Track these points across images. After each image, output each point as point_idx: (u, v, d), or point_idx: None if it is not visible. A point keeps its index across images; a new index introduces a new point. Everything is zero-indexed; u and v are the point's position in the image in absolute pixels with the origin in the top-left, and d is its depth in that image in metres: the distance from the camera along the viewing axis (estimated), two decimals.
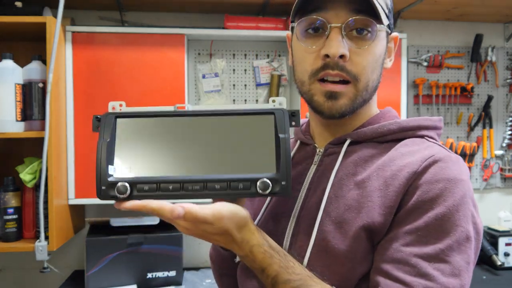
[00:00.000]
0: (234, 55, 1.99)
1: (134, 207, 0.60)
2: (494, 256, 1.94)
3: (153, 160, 0.65)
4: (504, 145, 2.25)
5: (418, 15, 2.11)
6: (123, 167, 0.63)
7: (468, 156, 2.19)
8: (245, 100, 2.01)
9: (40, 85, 1.56)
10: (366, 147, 0.74)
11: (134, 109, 0.68)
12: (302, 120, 0.88)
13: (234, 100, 1.99)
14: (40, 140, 1.49)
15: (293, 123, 0.68)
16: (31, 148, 1.81)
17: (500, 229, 2.05)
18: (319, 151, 0.79)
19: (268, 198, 0.81)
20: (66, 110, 1.67)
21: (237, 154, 0.65)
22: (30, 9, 1.57)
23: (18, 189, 1.61)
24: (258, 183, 0.62)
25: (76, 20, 1.87)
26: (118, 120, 0.66)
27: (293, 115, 0.68)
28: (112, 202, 0.64)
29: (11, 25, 1.54)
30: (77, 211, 1.83)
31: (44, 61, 1.58)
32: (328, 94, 0.70)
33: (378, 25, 0.69)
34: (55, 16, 1.51)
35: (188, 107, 0.70)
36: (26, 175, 1.56)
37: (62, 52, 1.63)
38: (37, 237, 1.57)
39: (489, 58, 2.19)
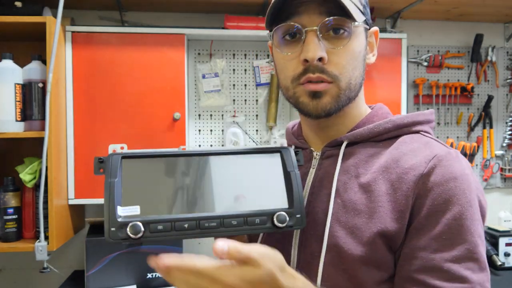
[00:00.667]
0: (234, 55, 1.99)
1: (176, 266, 0.53)
2: (495, 256, 1.94)
3: (164, 199, 0.63)
4: (504, 145, 2.25)
5: (418, 15, 2.11)
6: (133, 207, 0.61)
7: (468, 156, 2.18)
8: (245, 100, 2.00)
9: (40, 85, 1.56)
10: (364, 147, 0.75)
11: (136, 151, 0.66)
12: (293, 123, 0.90)
13: (234, 100, 1.99)
14: (40, 140, 1.49)
15: (298, 161, 0.70)
16: (31, 148, 1.81)
17: (500, 229, 2.05)
18: (316, 154, 0.79)
19: None
20: (66, 110, 1.67)
21: (248, 191, 0.65)
22: (30, 9, 1.57)
23: (18, 189, 1.61)
24: (275, 217, 0.62)
25: (76, 20, 1.87)
26: (124, 160, 0.64)
27: (296, 153, 0.71)
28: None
29: (11, 25, 1.54)
30: (77, 211, 1.83)
31: (44, 61, 1.58)
32: (311, 93, 0.71)
33: (352, 23, 0.70)
34: (55, 16, 1.51)
35: (191, 149, 0.69)
36: (26, 175, 1.56)
37: (62, 52, 1.63)
38: (37, 237, 1.57)
39: (489, 58, 2.19)
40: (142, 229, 0.59)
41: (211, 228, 0.61)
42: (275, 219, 0.63)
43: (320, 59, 0.69)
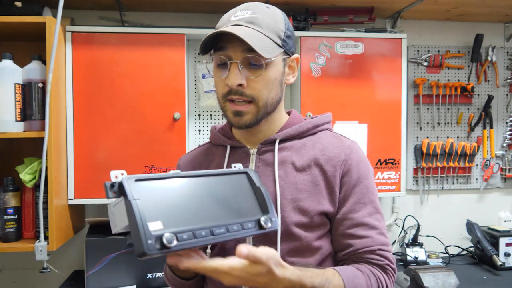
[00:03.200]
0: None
1: (195, 266, 0.73)
2: (495, 256, 1.94)
3: (177, 214, 0.73)
4: (504, 145, 2.25)
5: (418, 15, 2.11)
6: (157, 223, 0.69)
7: (468, 156, 2.18)
8: None
9: (40, 85, 1.56)
10: (292, 142, 0.99)
11: (143, 175, 0.76)
12: (218, 125, 1.10)
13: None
14: (40, 140, 1.49)
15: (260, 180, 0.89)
16: (31, 148, 1.81)
17: (501, 229, 2.05)
18: (253, 151, 0.99)
19: None
20: (66, 110, 1.67)
21: (233, 204, 0.81)
22: (30, 9, 1.57)
23: (18, 189, 1.61)
24: (261, 220, 0.81)
25: (76, 20, 1.87)
26: (138, 183, 0.73)
27: (256, 172, 0.91)
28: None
29: (11, 25, 1.54)
30: (77, 211, 1.83)
31: (44, 61, 1.58)
32: (235, 112, 0.93)
33: (264, 60, 0.89)
34: (55, 16, 1.51)
35: (182, 172, 0.82)
36: (26, 175, 1.56)
37: (61, 52, 1.63)
38: (37, 237, 1.57)
39: (489, 58, 2.19)
40: (175, 239, 0.68)
41: (221, 234, 0.74)
42: (262, 222, 0.81)
43: (241, 85, 0.90)
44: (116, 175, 0.72)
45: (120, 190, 0.71)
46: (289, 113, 1.05)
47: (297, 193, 0.93)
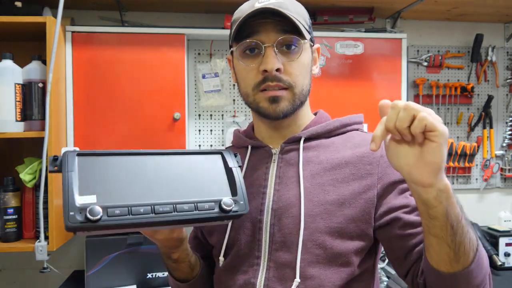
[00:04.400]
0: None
1: None
2: (495, 256, 1.94)
3: (119, 191, 0.67)
4: (504, 145, 2.25)
5: (418, 15, 2.11)
6: (90, 197, 0.65)
7: (468, 156, 2.19)
8: None
9: (40, 85, 1.56)
10: (319, 141, 0.90)
11: (90, 151, 0.71)
12: (238, 129, 1.04)
13: (234, 100, 1.99)
14: (40, 140, 1.49)
15: (238, 162, 0.81)
16: (31, 148, 1.81)
17: (501, 229, 2.05)
18: (275, 151, 0.91)
19: None
20: (66, 110, 1.67)
21: (196, 184, 0.74)
22: (30, 9, 1.57)
23: (18, 189, 1.61)
24: (222, 203, 0.72)
25: (76, 20, 1.87)
26: (79, 157, 0.68)
27: (235, 155, 0.82)
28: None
29: (11, 25, 1.54)
30: None
31: (44, 61, 1.58)
32: (271, 99, 0.85)
33: (302, 40, 0.84)
34: (55, 16, 1.51)
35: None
36: (26, 175, 1.56)
37: (62, 52, 1.63)
38: (37, 237, 1.57)
39: (489, 58, 2.19)
40: (101, 213, 0.62)
41: (165, 212, 0.66)
42: (222, 204, 0.71)
43: (277, 70, 0.83)
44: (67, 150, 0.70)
45: (61, 165, 0.68)
46: (316, 114, 0.99)
47: (325, 195, 0.83)
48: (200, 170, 0.76)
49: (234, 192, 0.75)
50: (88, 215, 0.62)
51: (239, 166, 0.82)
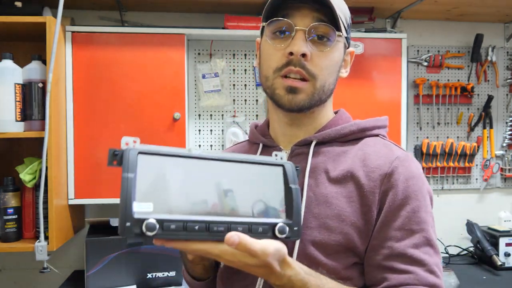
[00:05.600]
0: (234, 55, 1.99)
1: (182, 247, 0.63)
2: (495, 256, 1.94)
3: (176, 199, 0.65)
4: (504, 145, 2.25)
5: (418, 15, 2.11)
6: (147, 204, 0.62)
7: (468, 156, 2.18)
8: (245, 100, 2.00)
9: (40, 85, 1.56)
10: (331, 147, 0.84)
11: (150, 147, 0.67)
12: (256, 123, 0.98)
13: (234, 100, 1.99)
14: (40, 140, 1.49)
15: (297, 176, 0.75)
16: (31, 148, 1.81)
17: (501, 229, 2.05)
18: (285, 152, 0.86)
19: None
20: (66, 110, 1.67)
21: (252, 200, 0.70)
22: (30, 9, 1.57)
23: (18, 189, 1.61)
24: (276, 228, 0.68)
25: (76, 20, 1.87)
26: (140, 156, 0.64)
27: (297, 168, 0.76)
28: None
29: (11, 25, 1.54)
30: (77, 211, 1.83)
31: (44, 61, 1.58)
32: (288, 88, 0.79)
33: (337, 33, 0.79)
34: (55, 16, 1.51)
35: (203, 151, 0.70)
36: (26, 175, 1.56)
37: (62, 52, 1.63)
38: (37, 237, 1.57)
39: (489, 58, 2.19)
40: (157, 228, 0.60)
41: (219, 232, 0.64)
42: (276, 230, 0.68)
43: (304, 56, 0.77)
44: (127, 142, 0.64)
45: (121, 161, 0.63)
46: (337, 113, 0.91)
47: (326, 208, 0.77)
48: (259, 183, 0.72)
49: (289, 214, 0.71)
50: (144, 229, 0.60)
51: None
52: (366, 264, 0.78)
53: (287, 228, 0.68)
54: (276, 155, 0.75)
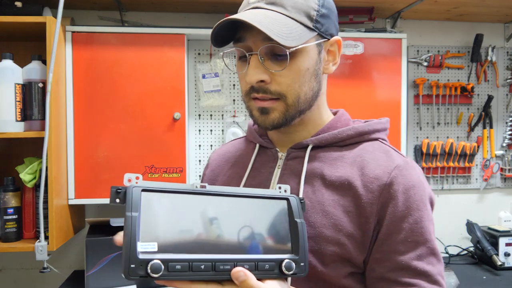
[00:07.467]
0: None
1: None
2: (495, 256, 1.94)
3: (181, 238, 0.64)
4: (504, 145, 2.25)
5: (418, 15, 2.11)
6: (151, 244, 0.61)
7: (468, 156, 2.18)
8: None
9: (40, 85, 1.56)
10: (328, 151, 0.81)
11: (153, 183, 0.66)
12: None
13: (234, 100, 1.99)
14: (40, 140, 1.49)
15: (303, 209, 0.74)
16: (31, 148, 1.81)
17: (501, 229, 2.05)
18: (282, 155, 0.84)
19: None
20: (66, 110, 1.67)
21: (257, 235, 0.69)
22: (30, 9, 1.57)
23: (18, 189, 1.61)
24: (283, 264, 0.67)
25: (76, 20, 1.87)
26: (144, 194, 0.63)
27: (302, 201, 0.74)
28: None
29: (11, 25, 1.54)
30: (77, 211, 1.83)
31: (44, 61, 1.58)
32: (260, 109, 0.77)
33: (289, 50, 0.72)
34: (55, 16, 1.51)
35: (207, 186, 0.69)
36: (26, 175, 1.56)
37: (62, 52, 1.63)
38: (37, 237, 1.57)
39: (489, 58, 2.19)
40: (162, 269, 0.59)
41: (225, 270, 0.63)
42: (283, 266, 0.67)
43: (262, 81, 0.74)
44: (130, 179, 0.64)
45: (125, 198, 0.63)
46: (336, 113, 0.87)
47: (323, 217, 0.75)
48: (264, 218, 0.71)
49: (295, 250, 0.69)
50: (149, 271, 0.59)
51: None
52: (369, 276, 0.76)
53: (294, 264, 0.67)
54: (280, 187, 0.73)
